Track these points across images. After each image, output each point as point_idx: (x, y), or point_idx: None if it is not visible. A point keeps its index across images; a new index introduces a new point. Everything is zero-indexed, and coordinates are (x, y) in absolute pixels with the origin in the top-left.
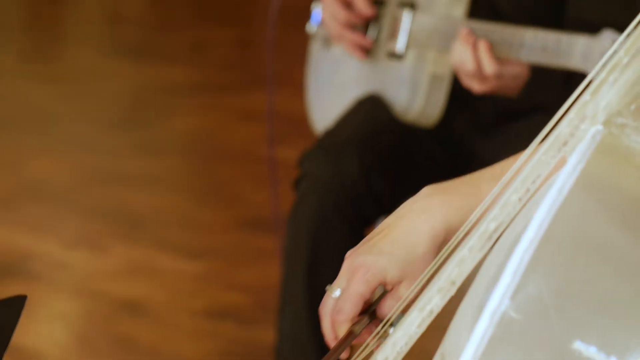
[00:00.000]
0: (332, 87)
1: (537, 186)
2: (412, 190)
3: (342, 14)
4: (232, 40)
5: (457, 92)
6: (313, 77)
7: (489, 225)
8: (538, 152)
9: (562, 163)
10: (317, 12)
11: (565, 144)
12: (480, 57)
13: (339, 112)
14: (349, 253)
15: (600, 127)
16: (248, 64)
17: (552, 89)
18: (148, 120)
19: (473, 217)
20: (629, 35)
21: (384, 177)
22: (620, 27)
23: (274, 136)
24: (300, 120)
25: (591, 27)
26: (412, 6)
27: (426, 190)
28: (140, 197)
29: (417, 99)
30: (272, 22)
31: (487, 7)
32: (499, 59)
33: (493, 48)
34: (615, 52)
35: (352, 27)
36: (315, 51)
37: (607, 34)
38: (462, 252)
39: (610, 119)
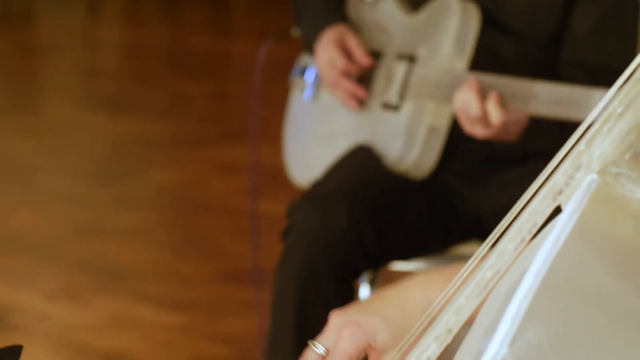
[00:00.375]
0: (316, 138)
1: (532, 235)
2: (400, 242)
3: (341, 61)
4: (208, 93)
5: (448, 140)
6: (292, 129)
7: (485, 273)
8: (533, 201)
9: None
10: (301, 64)
11: (560, 193)
12: (487, 106)
13: (324, 164)
14: (336, 312)
15: (595, 176)
16: (224, 116)
17: (548, 134)
18: (127, 173)
19: (468, 267)
20: (622, 85)
21: (372, 229)
22: (616, 71)
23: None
24: (280, 172)
25: (587, 70)
26: (412, 59)
27: (420, 273)
28: (120, 249)
29: (412, 150)
30: (258, 77)
31: (487, 57)
32: (505, 109)
33: (500, 101)
34: (609, 101)
35: (348, 76)
36: (295, 103)
37: None
38: (460, 300)
39: (605, 168)
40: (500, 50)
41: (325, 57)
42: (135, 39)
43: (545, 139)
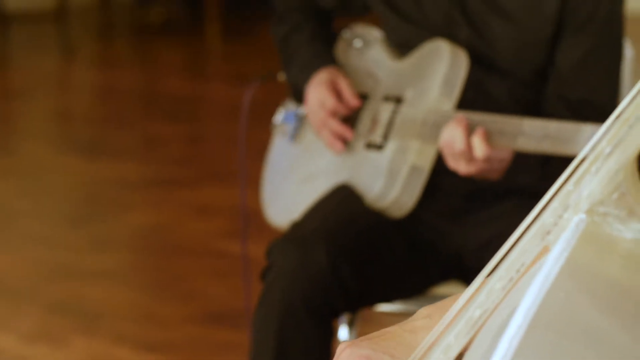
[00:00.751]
0: (296, 180)
1: (520, 274)
2: (379, 282)
3: (331, 101)
4: (183, 135)
5: (429, 178)
6: (272, 171)
7: (474, 312)
8: (521, 241)
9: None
10: (285, 109)
11: (549, 232)
12: (472, 140)
13: (303, 206)
14: (347, 343)
15: (583, 216)
16: (200, 159)
17: (530, 172)
18: (103, 215)
19: (458, 305)
20: (610, 125)
21: (351, 269)
22: (599, 106)
23: (230, 231)
24: (258, 215)
25: (571, 105)
26: (398, 100)
27: (424, 312)
28: (97, 290)
29: (393, 188)
30: (243, 120)
31: (475, 95)
32: (490, 144)
33: (487, 137)
34: (597, 142)
35: (336, 117)
36: (276, 146)
37: None
38: (448, 339)
39: (593, 207)
40: (487, 88)
41: (316, 97)
42: (110, 82)
43: (527, 176)
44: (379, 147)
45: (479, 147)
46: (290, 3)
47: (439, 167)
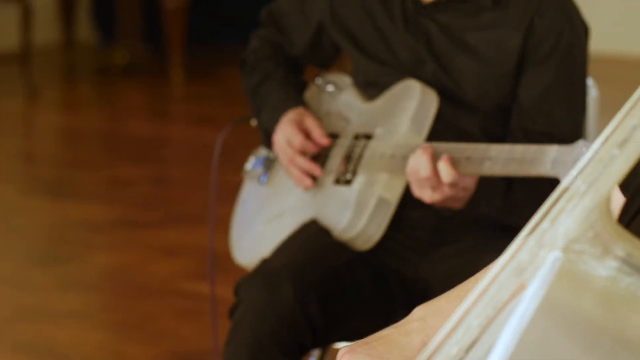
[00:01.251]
0: (264, 220)
1: (496, 312)
2: (346, 318)
3: (298, 139)
4: (147, 177)
5: (396, 211)
6: (241, 213)
7: (451, 349)
8: (498, 279)
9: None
10: (256, 156)
11: (524, 270)
12: (438, 165)
13: (271, 245)
14: (345, 349)
15: (559, 253)
16: (164, 200)
17: (494, 199)
18: (69, 256)
19: (436, 341)
20: (585, 164)
21: (318, 305)
22: (561, 139)
23: (196, 272)
24: (224, 255)
25: (533, 138)
26: (368, 137)
27: (418, 313)
28: (64, 331)
29: (360, 220)
30: (215, 163)
31: (444, 128)
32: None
33: (453, 164)
34: (572, 180)
35: (304, 155)
36: (246, 189)
37: (580, 143)
38: None
39: (569, 245)
40: (457, 123)
41: (284, 135)
42: (74, 124)
43: (490, 205)
44: (348, 182)
45: (445, 172)
46: (261, 53)
47: (407, 201)
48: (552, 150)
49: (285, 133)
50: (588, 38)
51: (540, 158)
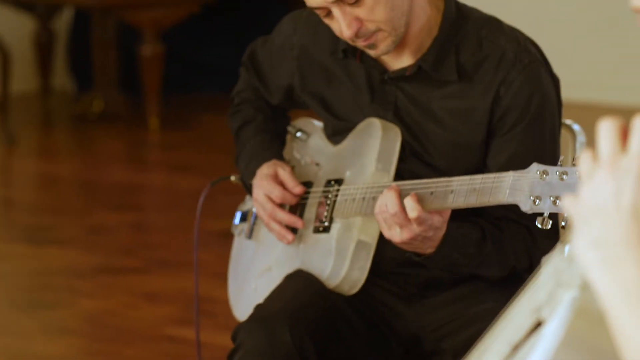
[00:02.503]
0: (254, 275)
1: (512, 349)
2: (341, 359)
3: (276, 192)
4: (127, 224)
5: (384, 264)
6: (233, 269)
7: None
8: (515, 317)
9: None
10: (242, 209)
11: (542, 308)
12: (405, 202)
13: (262, 297)
14: None
15: (576, 292)
16: (144, 246)
17: (467, 247)
18: (53, 302)
19: None
20: None
21: (315, 348)
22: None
23: (179, 317)
24: (207, 302)
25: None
26: (339, 182)
27: None
28: None
29: (343, 266)
30: (198, 216)
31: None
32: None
33: (420, 200)
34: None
35: (283, 208)
36: (236, 244)
37: (534, 167)
38: None
39: (586, 284)
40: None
41: (262, 191)
42: (52, 171)
43: (463, 254)
44: (326, 229)
45: (411, 207)
46: (244, 95)
47: (393, 255)
48: (508, 177)
49: (263, 188)
50: (559, 92)
51: (498, 186)
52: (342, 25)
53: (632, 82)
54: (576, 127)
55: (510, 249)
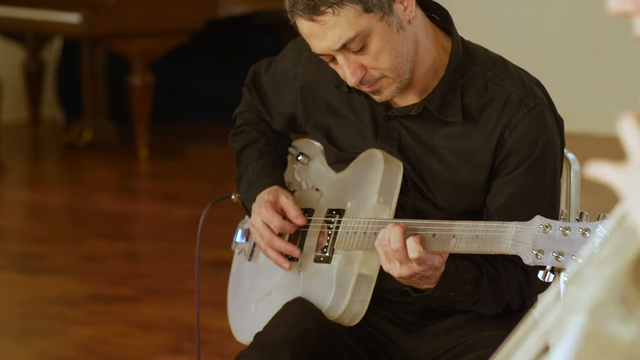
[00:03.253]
0: (253, 298)
1: None
2: None
3: (275, 221)
4: (117, 253)
5: (383, 293)
6: (235, 291)
7: None
8: (523, 342)
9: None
10: (242, 227)
11: (550, 333)
12: (407, 241)
13: (262, 322)
14: None
15: (585, 318)
16: (136, 275)
17: (463, 285)
18: (46, 331)
19: None
20: (610, 232)
21: None
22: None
23: (173, 345)
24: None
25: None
26: (341, 213)
27: None
28: None
29: (344, 298)
30: (198, 240)
31: (415, 217)
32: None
33: (421, 241)
34: (598, 247)
35: (281, 236)
36: (235, 265)
37: (537, 220)
38: None
39: (595, 310)
40: (427, 214)
41: (261, 217)
42: (42, 201)
43: (459, 292)
44: (327, 259)
45: (412, 247)
46: (247, 117)
47: (393, 285)
48: (511, 228)
49: (262, 215)
50: (562, 133)
51: (501, 236)
52: (346, 72)
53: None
54: (571, 155)
55: (506, 287)
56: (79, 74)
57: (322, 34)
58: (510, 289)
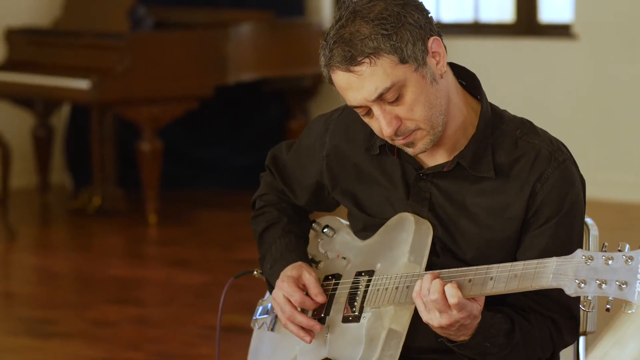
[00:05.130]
0: None
1: None
2: None
3: (297, 296)
4: (129, 318)
5: (411, 352)
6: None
7: None
8: None
9: None
10: (262, 305)
11: None
12: (445, 288)
13: None
14: None
15: None
16: (147, 340)
17: (497, 337)
18: None
19: None
20: None
21: None
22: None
23: None
24: None
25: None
26: (370, 273)
27: None
28: None
29: (374, 354)
30: (220, 311)
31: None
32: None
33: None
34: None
35: (303, 311)
36: (257, 337)
37: (579, 252)
38: None
39: None
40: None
41: (282, 292)
42: (52, 266)
43: (493, 343)
44: (356, 318)
45: (451, 293)
46: (267, 199)
47: (421, 344)
48: (552, 263)
49: (284, 290)
50: (585, 192)
51: (541, 272)
52: (382, 123)
53: (626, 179)
54: (589, 220)
55: (537, 339)
56: (86, 140)
57: (359, 84)
58: (542, 340)
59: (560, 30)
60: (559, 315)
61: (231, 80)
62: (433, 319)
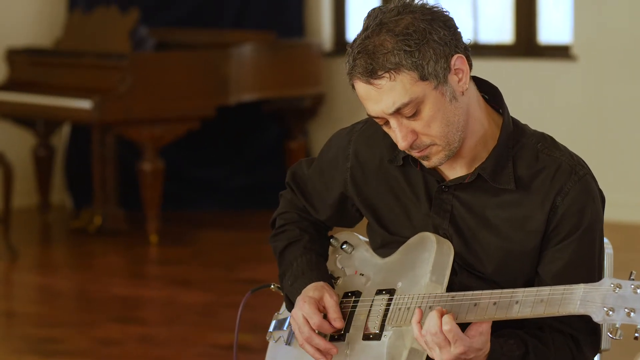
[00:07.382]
0: None
1: None
2: None
3: (315, 319)
4: (133, 337)
5: None
6: None
7: None
8: None
9: None
10: (277, 318)
11: None
12: (437, 315)
13: None
14: None
15: None
16: (154, 358)
17: None
18: None
19: None
20: None
21: None
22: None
23: None
24: None
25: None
26: (391, 292)
27: None
28: None
29: None
30: (237, 326)
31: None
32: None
33: (481, 311)
34: None
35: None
36: (272, 351)
37: (607, 280)
38: None
39: None
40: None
41: (302, 312)
42: (52, 285)
43: None
44: (377, 336)
45: (445, 321)
46: (288, 217)
47: None
48: (579, 290)
49: (304, 311)
50: (604, 208)
51: (568, 298)
52: (397, 136)
53: (626, 200)
54: (604, 239)
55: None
56: (87, 159)
57: (377, 97)
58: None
59: (560, 51)
60: (579, 332)
61: (232, 100)
62: (435, 355)
